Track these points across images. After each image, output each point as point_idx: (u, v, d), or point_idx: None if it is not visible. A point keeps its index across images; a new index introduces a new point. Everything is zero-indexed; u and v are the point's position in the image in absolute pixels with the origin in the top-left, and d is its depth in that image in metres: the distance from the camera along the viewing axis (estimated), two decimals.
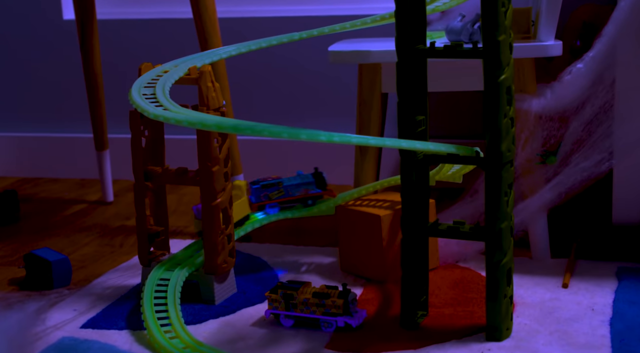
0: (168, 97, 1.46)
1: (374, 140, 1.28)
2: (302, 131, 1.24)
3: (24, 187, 2.62)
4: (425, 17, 1.44)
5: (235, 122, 1.28)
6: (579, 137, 1.68)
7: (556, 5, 1.71)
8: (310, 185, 1.86)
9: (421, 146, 1.33)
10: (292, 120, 2.56)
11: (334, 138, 1.25)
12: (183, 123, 1.29)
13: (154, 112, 1.36)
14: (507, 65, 1.37)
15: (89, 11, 2.29)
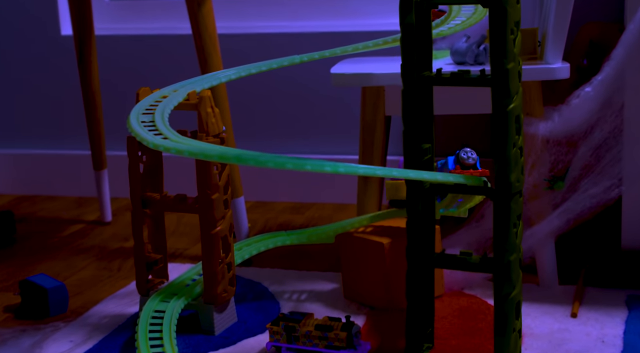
0: (167, 124, 1.42)
1: (381, 171, 1.24)
2: (306, 162, 1.21)
3: (21, 206, 2.58)
4: (432, 43, 1.40)
5: (238, 152, 1.24)
6: (588, 162, 1.64)
7: (564, 26, 1.67)
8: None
9: (429, 176, 1.29)
10: (294, 140, 2.52)
11: (339, 169, 1.22)
12: (184, 153, 1.25)
13: (153, 142, 1.32)
14: (516, 93, 1.33)
15: (87, 27, 2.25)
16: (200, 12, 1.91)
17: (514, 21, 1.31)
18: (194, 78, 1.65)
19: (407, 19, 1.36)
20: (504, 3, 1.29)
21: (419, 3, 1.37)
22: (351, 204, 2.45)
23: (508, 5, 1.29)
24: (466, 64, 1.76)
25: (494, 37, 1.31)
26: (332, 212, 2.41)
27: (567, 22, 1.67)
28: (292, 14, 2.54)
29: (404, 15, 1.36)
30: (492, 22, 1.30)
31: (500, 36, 1.30)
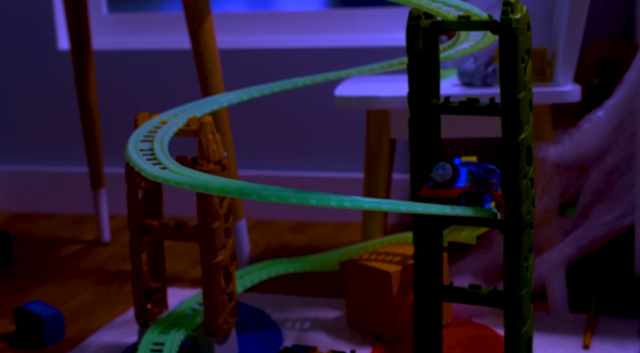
0: (167, 153, 1.37)
1: (387, 205, 1.19)
2: (311, 196, 1.16)
3: (17, 224, 2.53)
4: (439, 69, 1.35)
5: (240, 185, 1.20)
6: (600, 188, 1.59)
7: (574, 48, 1.63)
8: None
9: (437, 210, 1.24)
10: (297, 157, 2.47)
11: (344, 203, 1.17)
12: (184, 186, 1.20)
13: (152, 173, 1.27)
14: (526, 123, 1.28)
15: (84, 42, 2.20)
16: (200, 30, 1.87)
17: (525, 49, 1.26)
18: (194, 102, 1.61)
19: (414, 45, 1.31)
20: (514, 31, 1.24)
21: (427, 29, 1.32)
22: (354, 223, 2.40)
23: (519, 33, 1.24)
24: (474, 85, 1.71)
25: (504, 66, 1.26)
26: (335, 232, 2.36)
27: (578, 43, 1.63)
28: (296, 28, 2.49)
29: (411, 42, 1.31)
30: (502, 50, 1.26)
31: (511, 65, 1.25)
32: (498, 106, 1.29)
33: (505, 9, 1.25)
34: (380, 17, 2.45)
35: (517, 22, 1.24)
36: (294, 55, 2.42)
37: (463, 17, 1.29)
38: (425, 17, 1.32)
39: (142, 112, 1.54)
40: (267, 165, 2.49)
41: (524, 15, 1.26)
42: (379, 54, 2.36)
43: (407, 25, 1.32)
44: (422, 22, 1.31)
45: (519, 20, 1.25)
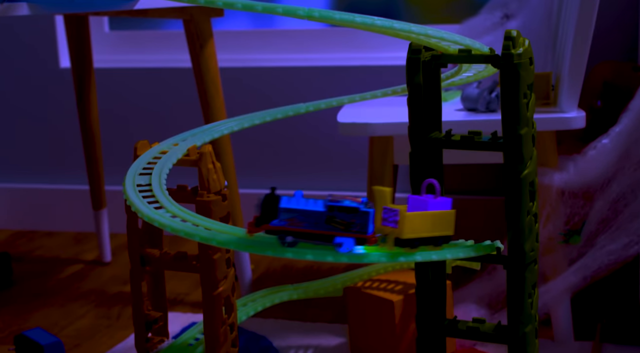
0: (164, 189, 1.35)
1: (386, 258, 1.17)
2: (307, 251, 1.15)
3: (18, 242, 2.52)
4: (441, 102, 1.33)
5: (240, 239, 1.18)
6: (605, 216, 1.57)
7: (579, 73, 1.61)
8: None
9: (437, 256, 1.22)
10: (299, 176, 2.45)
11: (342, 259, 1.15)
12: (180, 233, 1.19)
13: (148, 215, 1.25)
14: (529, 158, 1.26)
15: (86, 61, 2.19)
16: (202, 54, 1.85)
17: (527, 84, 1.24)
18: (194, 129, 1.59)
19: (414, 79, 1.29)
20: (516, 66, 1.22)
21: (427, 62, 1.30)
22: None
23: (521, 69, 1.22)
24: (477, 110, 1.69)
25: (506, 101, 1.24)
26: None
27: (582, 68, 1.61)
28: (298, 46, 2.48)
29: (412, 75, 1.30)
30: (504, 85, 1.24)
31: (513, 101, 1.23)
32: (500, 141, 1.27)
33: (506, 43, 1.23)
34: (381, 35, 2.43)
35: (519, 57, 1.23)
36: (295, 74, 2.40)
37: (464, 50, 1.27)
38: (425, 50, 1.30)
39: (141, 140, 1.52)
40: (267, 183, 2.47)
41: (526, 49, 1.24)
42: (381, 72, 2.35)
43: (407, 59, 1.30)
44: (422, 56, 1.29)
45: (521, 55, 1.23)
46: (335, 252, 1.13)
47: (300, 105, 1.64)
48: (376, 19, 1.19)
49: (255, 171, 2.48)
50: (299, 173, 2.45)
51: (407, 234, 1.15)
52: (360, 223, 1.14)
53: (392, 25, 1.19)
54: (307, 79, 2.39)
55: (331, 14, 1.16)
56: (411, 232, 1.15)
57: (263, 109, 2.40)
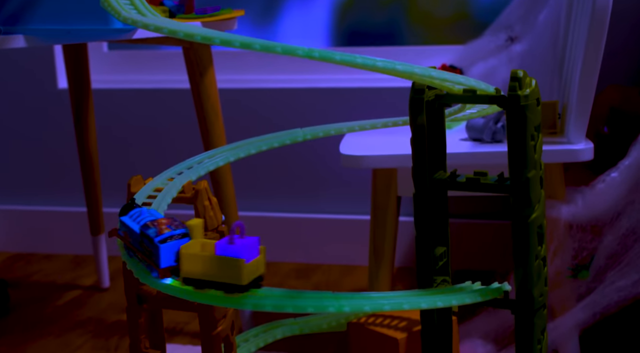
0: None
1: (389, 306, 1.13)
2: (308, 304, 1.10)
3: (15, 266, 2.48)
4: (445, 141, 1.29)
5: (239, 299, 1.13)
6: (614, 251, 1.53)
7: (587, 104, 1.57)
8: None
9: (443, 303, 1.18)
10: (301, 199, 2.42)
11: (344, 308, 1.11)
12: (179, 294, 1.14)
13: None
14: (537, 202, 1.22)
15: (83, 81, 2.15)
16: (202, 81, 1.81)
17: (534, 126, 1.20)
18: (190, 159, 1.54)
19: (417, 119, 1.25)
20: (523, 108, 1.18)
21: (431, 102, 1.26)
22: (359, 266, 2.35)
23: (528, 111, 1.18)
24: (483, 141, 1.65)
25: (513, 144, 1.20)
26: (340, 276, 2.30)
27: (591, 98, 1.57)
28: (299, 67, 2.44)
29: (415, 116, 1.25)
30: (510, 127, 1.19)
31: (520, 143, 1.19)
32: (507, 183, 1.23)
33: (512, 84, 1.19)
34: (384, 55, 2.40)
35: (526, 98, 1.18)
36: (295, 95, 2.36)
37: (469, 90, 1.23)
38: (428, 89, 1.26)
39: (134, 176, 1.48)
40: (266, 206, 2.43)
41: (533, 90, 1.20)
42: (382, 94, 2.31)
43: (410, 99, 1.26)
44: (425, 96, 1.25)
45: (528, 97, 1.19)
46: (150, 277, 1.08)
47: (298, 133, 1.59)
48: (378, 61, 1.15)
49: (254, 193, 2.44)
50: (300, 195, 2.41)
51: (183, 273, 1.08)
52: (155, 255, 1.08)
53: (394, 66, 1.15)
54: (307, 100, 2.35)
55: (331, 55, 1.12)
56: (188, 272, 1.07)
57: (262, 131, 2.37)
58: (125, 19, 1.10)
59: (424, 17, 2.43)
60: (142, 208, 1.17)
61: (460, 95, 1.24)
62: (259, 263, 1.09)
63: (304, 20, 2.49)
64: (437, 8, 2.42)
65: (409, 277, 2.27)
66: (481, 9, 2.39)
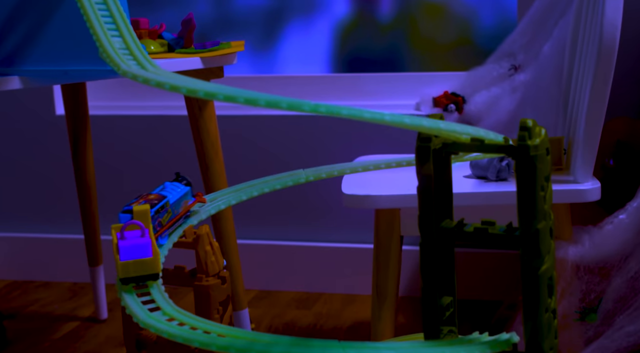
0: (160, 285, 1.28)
1: None
2: None
3: (12, 295, 2.45)
4: (451, 190, 1.26)
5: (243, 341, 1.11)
6: (623, 294, 1.50)
7: (594, 141, 1.54)
8: (188, 195, 1.44)
9: None
10: (304, 227, 2.38)
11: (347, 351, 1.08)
12: (177, 339, 1.11)
13: (144, 321, 1.18)
14: (547, 253, 1.19)
15: (80, 107, 2.12)
16: (202, 116, 1.78)
17: (544, 176, 1.17)
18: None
19: (424, 168, 1.22)
20: (533, 159, 1.15)
21: (438, 150, 1.23)
22: (361, 295, 2.32)
23: (537, 161, 1.15)
24: (487, 179, 1.63)
25: (522, 194, 1.17)
26: (342, 306, 2.27)
27: (597, 136, 1.55)
28: (300, 93, 2.41)
29: (422, 164, 1.22)
30: (520, 178, 1.16)
31: (529, 194, 1.16)
32: (516, 234, 1.20)
33: (522, 133, 1.16)
34: (385, 81, 2.37)
35: (536, 148, 1.15)
36: (295, 123, 2.33)
37: (477, 138, 1.20)
38: (435, 136, 1.23)
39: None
40: (265, 234, 2.40)
41: (543, 140, 1.17)
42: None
43: (417, 147, 1.23)
44: (432, 144, 1.22)
45: (538, 147, 1.16)
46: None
47: (300, 175, 1.56)
48: (385, 114, 1.12)
49: (255, 221, 2.41)
50: (301, 223, 2.38)
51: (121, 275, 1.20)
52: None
53: (402, 120, 1.12)
54: (307, 129, 2.33)
55: (338, 109, 1.08)
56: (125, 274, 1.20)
57: (261, 160, 2.35)
58: (124, 73, 1.07)
59: (426, 43, 2.41)
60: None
61: (468, 144, 1.21)
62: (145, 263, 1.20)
63: (304, 45, 2.47)
64: (439, 34, 2.40)
65: (410, 306, 2.24)
66: (483, 35, 2.36)
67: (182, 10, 2.53)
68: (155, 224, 1.30)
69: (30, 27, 1.42)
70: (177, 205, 1.39)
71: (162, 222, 1.34)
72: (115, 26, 1.22)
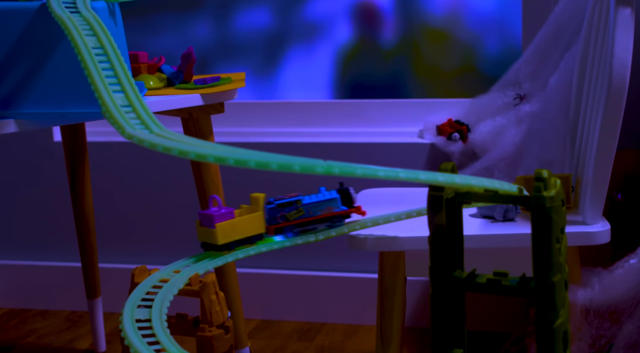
0: (166, 328, 1.25)
1: None
2: None
3: (9, 325, 2.41)
4: (463, 240, 1.23)
5: None
6: (634, 340, 1.47)
7: (604, 182, 1.52)
8: (334, 202, 1.53)
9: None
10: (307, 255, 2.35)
11: None
12: None
13: None
14: (562, 306, 1.16)
15: (78, 134, 2.08)
16: None
17: (560, 228, 1.14)
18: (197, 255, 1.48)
19: (436, 218, 1.19)
20: (548, 210, 1.12)
21: (450, 200, 1.20)
22: (364, 325, 2.29)
23: (553, 213, 1.13)
24: (494, 219, 1.60)
25: (537, 246, 1.14)
26: (344, 337, 2.24)
27: (607, 176, 1.52)
28: (302, 119, 2.38)
29: (434, 215, 1.20)
30: (535, 230, 1.14)
31: (545, 247, 1.13)
32: (531, 285, 1.17)
33: (537, 184, 1.13)
34: (387, 108, 2.34)
35: (552, 200, 1.13)
36: (299, 150, 2.30)
37: (490, 189, 1.18)
38: None
39: (139, 266, 1.42)
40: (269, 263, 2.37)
41: (559, 191, 1.14)
42: (390, 150, 2.25)
43: (429, 196, 1.20)
44: (445, 193, 1.19)
45: (553, 198, 1.13)
46: None
47: (309, 234, 1.53)
48: (400, 172, 1.09)
49: None
50: (303, 252, 2.35)
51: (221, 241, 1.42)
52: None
53: (417, 176, 1.09)
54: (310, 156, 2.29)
55: (352, 169, 1.05)
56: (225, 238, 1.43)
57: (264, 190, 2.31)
58: (130, 137, 1.04)
59: (429, 70, 2.38)
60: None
61: (482, 194, 1.19)
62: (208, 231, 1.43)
63: (305, 71, 2.44)
64: (443, 60, 2.37)
65: (414, 339, 2.21)
66: (488, 62, 2.34)
67: (182, 34, 2.51)
68: (277, 215, 1.48)
69: (26, 70, 1.39)
70: (316, 208, 1.51)
71: (288, 217, 1.49)
72: (117, 80, 1.19)
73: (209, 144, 1.04)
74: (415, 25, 2.37)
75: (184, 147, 0.98)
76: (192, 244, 2.46)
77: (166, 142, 0.98)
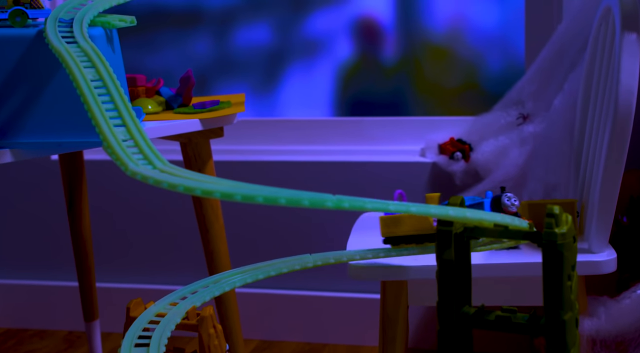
0: None
1: None
2: None
3: (7, 345, 2.38)
4: (471, 275, 1.21)
5: None
6: None
7: (610, 209, 1.48)
8: (480, 206, 1.53)
9: None
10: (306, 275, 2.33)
11: None
12: None
13: None
14: (573, 345, 1.13)
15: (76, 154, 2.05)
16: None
17: (571, 265, 1.12)
18: (196, 283, 1.45)
19: (445, 254, 1.17)
20: (559, 247, 1.10)
21: (459, 235, 1.18)
22: (365, 346, 2.26)
23: (564, 249, 1.10)
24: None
25: (548, 283, 1.12)
26: None
27: (614, 201, 1.49)
28: (302, 136, 2.35)
29: (442, 250, 1.17)
30: (546, 266, 1.11)
31: (556, 284, 1.11)
32: (541, 322, 1.14)
33: (549, 220, 1.11)
34: (388, 126, 2.32)
35: (563, 237, 1.10)
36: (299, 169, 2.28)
37: (500, 225, 1.15)
38: None
39: (134, 300, 1.38)
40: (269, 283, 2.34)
41: (570, 227, 1.11)
42: (390, 169, 2.23)
43: (438, 231, 1.17)
44: (454, 228, 1.17)
45: (565, 235, 1.10)
46: None
47: (308, 259, 1.49)
48: (411, 206, 1.06)
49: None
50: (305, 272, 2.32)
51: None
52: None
53: (429, 210, 1.06)
54: (311, 174, 2.27)
55: (362, 203, 1.02)
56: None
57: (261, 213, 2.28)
58: (133, 174, 1.01)
59: (431, 87, 2.36)
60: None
61: (491, 229, 1.16)
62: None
63: (306, 88, 2.41)
64: (445, 78, 2.35)
65: None
66: (490, 79, 2.31)
67: (182, 51, 2.48)
68: None
69: (23, 99, 1.36)
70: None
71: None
72: (117, 113, 1.16)
73: (214, 179, 1.01)
74: (417, 42, 2.34)
75: (190, 183, 0.95)
76: (191, 263, 2.45)
77: (171, 179, 0.95)
